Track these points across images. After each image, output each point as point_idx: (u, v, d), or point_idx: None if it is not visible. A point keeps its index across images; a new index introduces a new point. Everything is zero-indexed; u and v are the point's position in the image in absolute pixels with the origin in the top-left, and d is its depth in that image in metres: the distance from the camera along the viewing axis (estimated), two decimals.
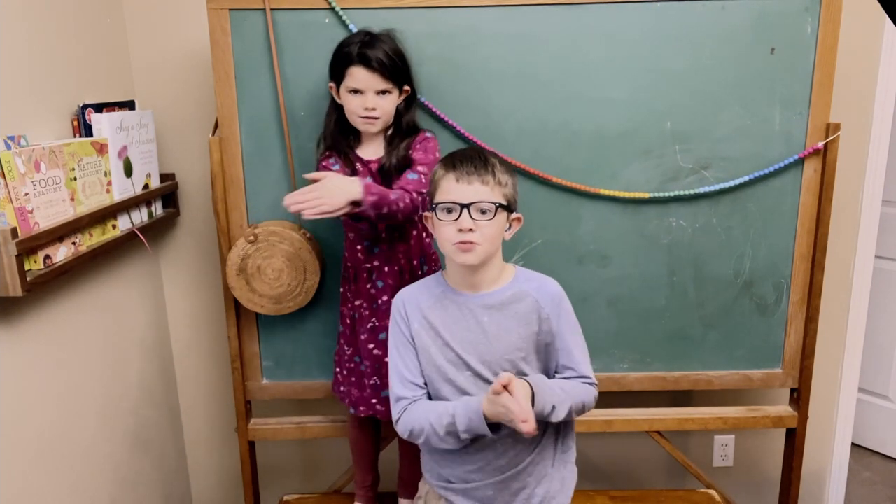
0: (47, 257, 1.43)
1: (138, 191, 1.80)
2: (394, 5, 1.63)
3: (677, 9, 1.65)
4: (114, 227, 1.71)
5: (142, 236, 1.80)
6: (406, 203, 1.45)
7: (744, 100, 1.70)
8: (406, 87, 1.56)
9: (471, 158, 1.27)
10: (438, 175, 1.29)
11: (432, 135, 1.60)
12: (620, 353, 1.85)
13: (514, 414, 1.14)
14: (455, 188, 1.25)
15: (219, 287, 2.03)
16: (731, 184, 1.73)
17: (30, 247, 1.35)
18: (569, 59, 1.68)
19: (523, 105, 1.70)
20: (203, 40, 1.80)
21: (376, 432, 1.83)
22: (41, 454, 1.51)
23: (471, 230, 1.23)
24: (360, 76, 1.49)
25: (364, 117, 1.51)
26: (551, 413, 1.24)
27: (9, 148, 1.35)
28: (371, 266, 1.60)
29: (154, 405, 2.03)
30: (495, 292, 1.33)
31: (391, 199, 1.43)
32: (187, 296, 2.10)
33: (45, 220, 1.42)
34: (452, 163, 1.27)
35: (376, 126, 1.53)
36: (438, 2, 1.63)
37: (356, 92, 1.50)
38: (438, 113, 1.68)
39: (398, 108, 1.56)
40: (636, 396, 1.92)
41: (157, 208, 1.92)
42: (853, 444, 2.61)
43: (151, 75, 1.94)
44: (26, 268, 1.35)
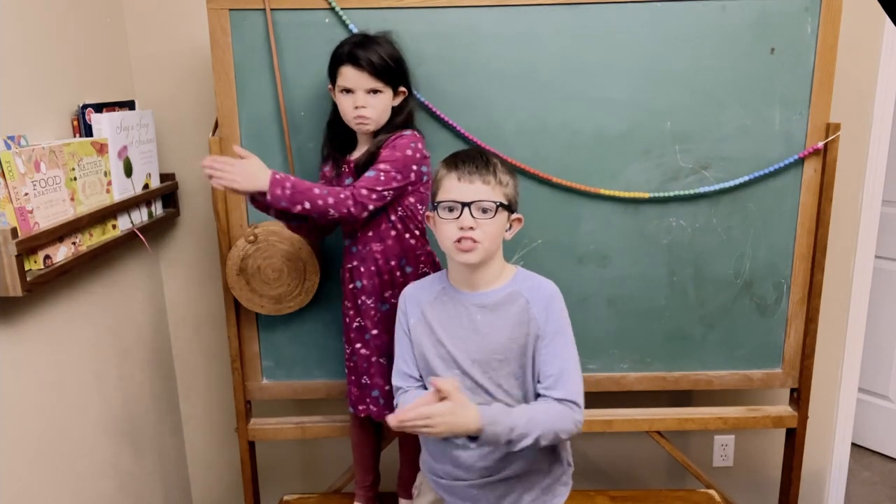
0: (47, 257, 1.43)
1: (138, 191, 1.80)
2: (394, 5, 1.63)
3: (677, 9, 1.65)
4: (114, 227, 1.71)
5: (142, 236, 1.80)
6: (339, 199, 1.43)
7: (744, 100, 1.70)
8: (402, 89, 1.56)
9: (472, 158, 1.29)
10: (440, 174, 1.30)
11: (413, 133, 1.55)
12: (620, 353, 1.85)
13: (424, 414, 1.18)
14: (457, 187, 1.26)
15: (219, 287, 2.03)
16: (731, 184, 1.73)
17: (30, 247, 1.35)
18: (569, 59, 1.68)
19: (523, 105, 1.70)
20: (203, 40, 1.80)
21: (377, 432, 1.83)
22: (41, 454, 1.51)
23: (471, 228, 1.25)
24: (350, 75, 1.50)
25: (356, 117, 1.52)
26: (509, 444, 1.23)
27: (9, 148, 1.35)
28: (351, 266, 1.60)
29: (154, 405, 2.03)
30: (491, 292, 1.34)
31: (314, 194, 1.41)
32: (187, 296, 2.10)
33: (45, 220, 1.42)
34: (454, 162, 1.29)
35: (369, 126, 1.53)
36: (438, 2, 1.63)
37: (348, 92, 1.51)
38: (438, 113, 1.68)
39: (394, 109, 1.56)
40: (636, 396, 1.92)
41: (157, 208, 1.92)
42: (853, 444, 2.61)
43: (151, 75, 1.94)
44: (26, 268, 1.35)
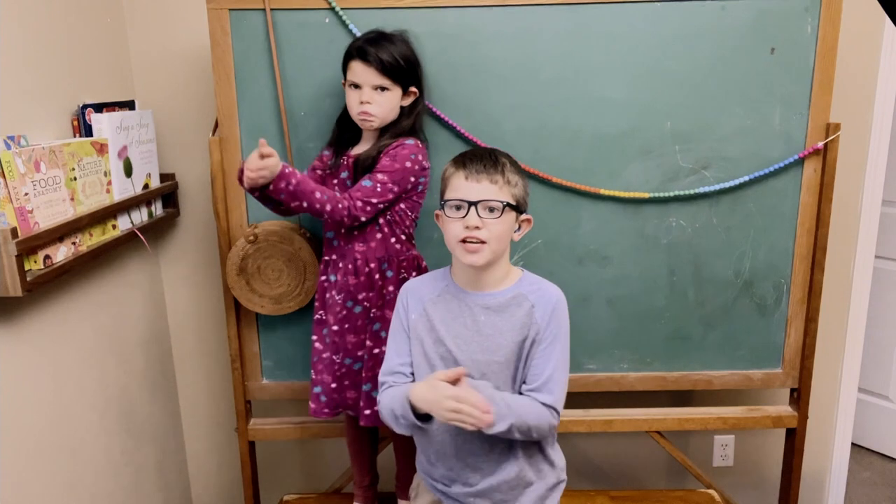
0: (47, 257, 1.43)
1: (138, 191, 1.80)
2: (394, 5, 1.63)
3: (677, 9, 1.65)
4: (114, 227, 1.71)
5: (142, 236, 1.80)
6: (336, 209, 1.45)
7: (744, 100, 1.70)
8: (413, 89, 1.55)
9: (481, 157, 1.28)
10: (448, 173, 1.30)
11: (415, 143, 1.54)
12: (620, 353, 1.85)
13: (474, 404, 1.16)
14: (464, 186, 1.26)
15: (219, 287, 2.03)
16: (731, 184, 1.73)
17: (30, 247, 1.35)
18: (569, 59, 1.67)
19: (523, 105, 1.69)
20: (203, 40, 1.80)
21: (372, 432, 1.82)
22: (41, 454, 1.51)
23: (478, 228, 1.24)
24: (358, 70, 1.50)
25: (360, 113, 1.51)
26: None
27: (9, 148, 1.35)
28: (329, 258, 1.61)
29: (154, 405, 2.03)
30: (496, 293, 1.33)
31: (314, 198, 1.43)
32: (187, 296, 2.10)
33: (45, 220, 1.42)
34: (463, 161, 1.29)
35: (373, 123, 1.53)
36: (438, 2, 1.63)
37: (356, 87, 1.51)
38: (438, 113, 1.67)
39: (403, 110, 1.56)
40: (636, 396, 1.92)
41: (157, 208, 1.92)
42: (853, 444, 2.62)
43: (151, 75, 1.94)
44: (26, 268, 1.35)
